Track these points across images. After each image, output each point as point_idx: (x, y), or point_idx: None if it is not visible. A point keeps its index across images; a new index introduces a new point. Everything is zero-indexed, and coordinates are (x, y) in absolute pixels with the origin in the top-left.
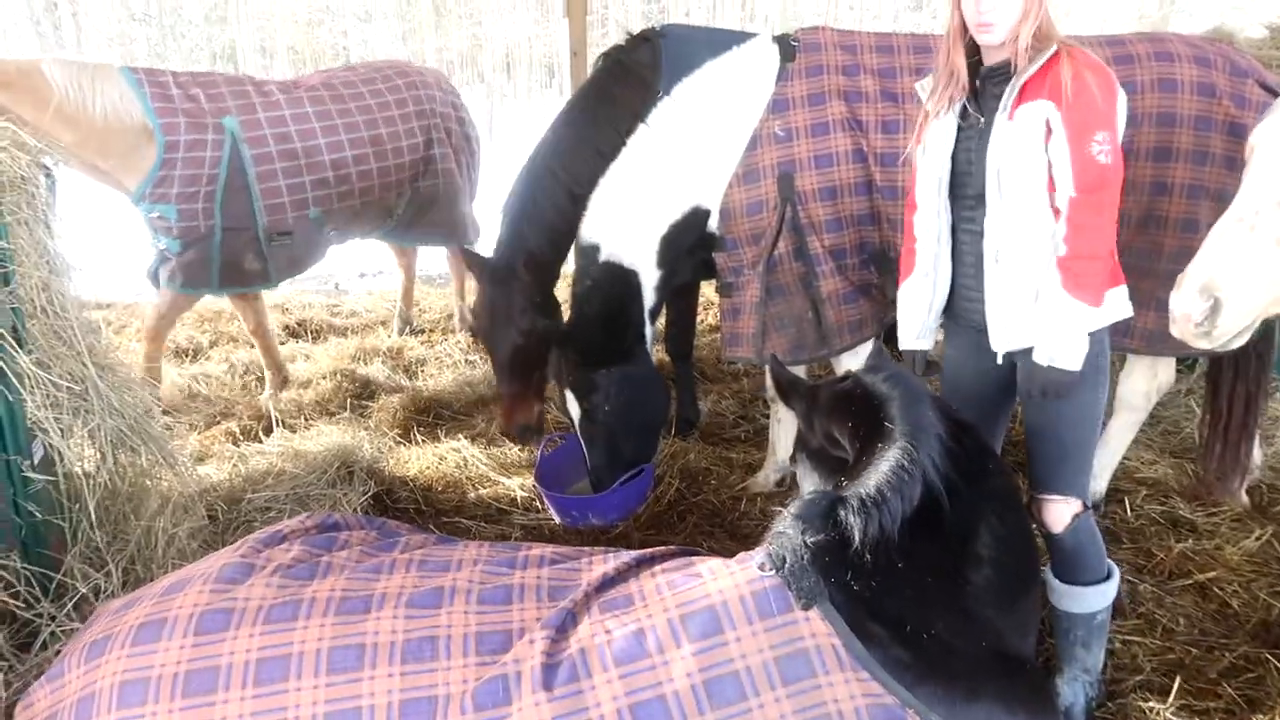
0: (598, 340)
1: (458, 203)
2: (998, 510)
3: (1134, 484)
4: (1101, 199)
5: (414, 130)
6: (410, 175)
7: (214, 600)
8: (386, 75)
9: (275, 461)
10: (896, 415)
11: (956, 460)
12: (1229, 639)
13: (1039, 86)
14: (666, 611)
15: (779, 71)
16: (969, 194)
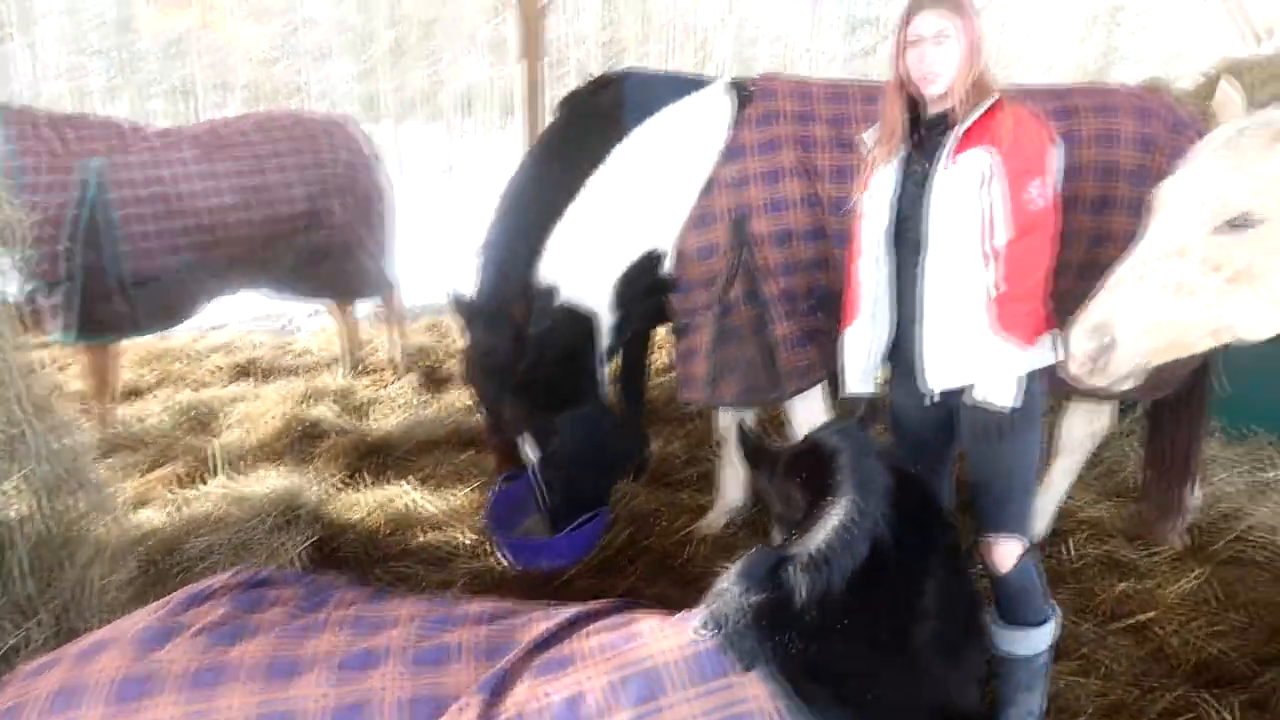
0: (556, 384)
1: (354, 255)
2: (943, 564)
3: (1075, 525)
4: (1034, 243)
5: (306, 180)
6: (300, 226)
7: (134, 665)
8: (282, 124)
9: (216, 506)
10: (844, 470)
11: (903, 515)
12: (1167, 680)
13: (979, 134)
14: (605, 674)
15: (734, 118)
16: (910, 239)
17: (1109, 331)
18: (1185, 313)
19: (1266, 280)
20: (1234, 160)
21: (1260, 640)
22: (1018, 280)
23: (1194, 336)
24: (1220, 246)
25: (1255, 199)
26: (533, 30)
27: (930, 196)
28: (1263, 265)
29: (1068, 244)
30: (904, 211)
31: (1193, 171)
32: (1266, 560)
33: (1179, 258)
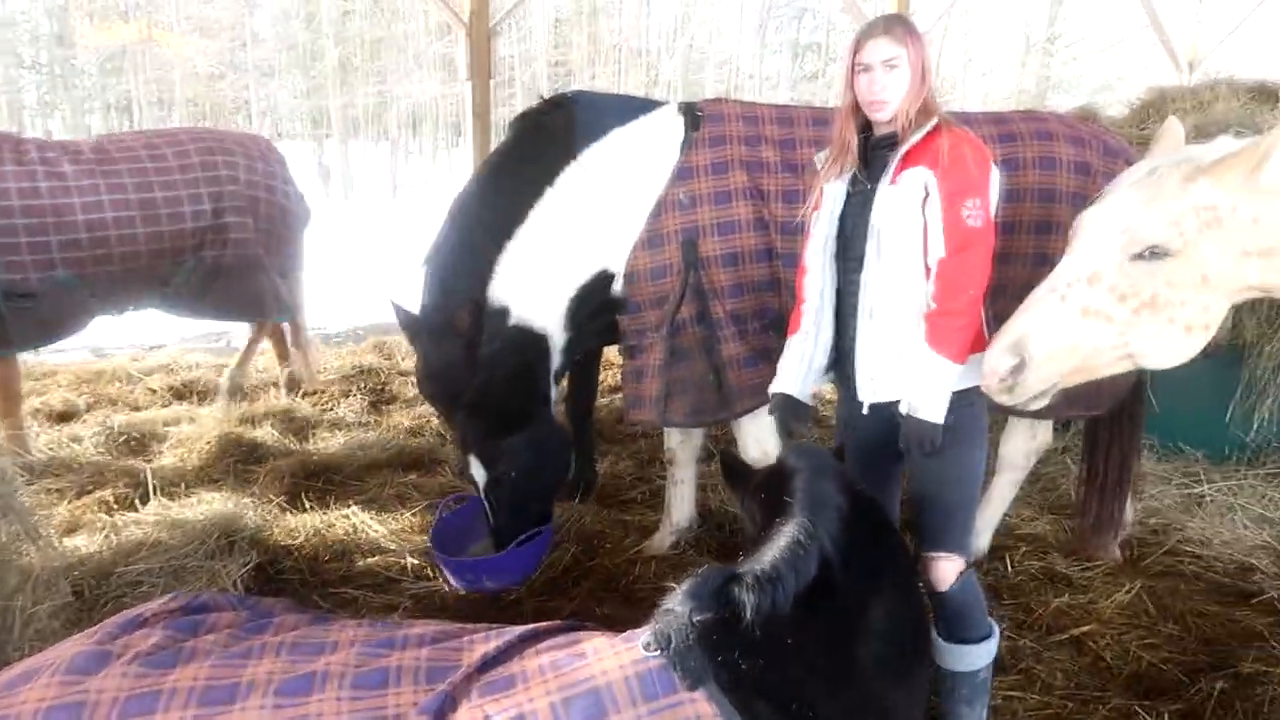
0: (507, 405)
1: (253, 277)
2: (892, 586)
3: (1014, 540)
4: (968, 259)
5: (200, 197)
6: (193, 244)
7: (63, 694)
8: (177, 140)
9: (150, 532)
10: (798, 490)
11: (854, 535)
12: (1103, 692)
13: (920, 155)
14: (549, 694)
15: (684, 140)
16: (853, 255)
17: (1023, 350)
18: (1093, 337)
19: (1169, 311)
20: (1149, 195)
21: (1192, 650)
22: (950, 296)
23: (1102, 361)
24: (1129, 276)
25: (1164, 234)
26: (482, 50)
27: (872, 212)
28: (1167, 297)
29: (1010, 265)
30: (846, 228)
31: (1111, 202)
32: (1197, 573)
33: (1090, 284)
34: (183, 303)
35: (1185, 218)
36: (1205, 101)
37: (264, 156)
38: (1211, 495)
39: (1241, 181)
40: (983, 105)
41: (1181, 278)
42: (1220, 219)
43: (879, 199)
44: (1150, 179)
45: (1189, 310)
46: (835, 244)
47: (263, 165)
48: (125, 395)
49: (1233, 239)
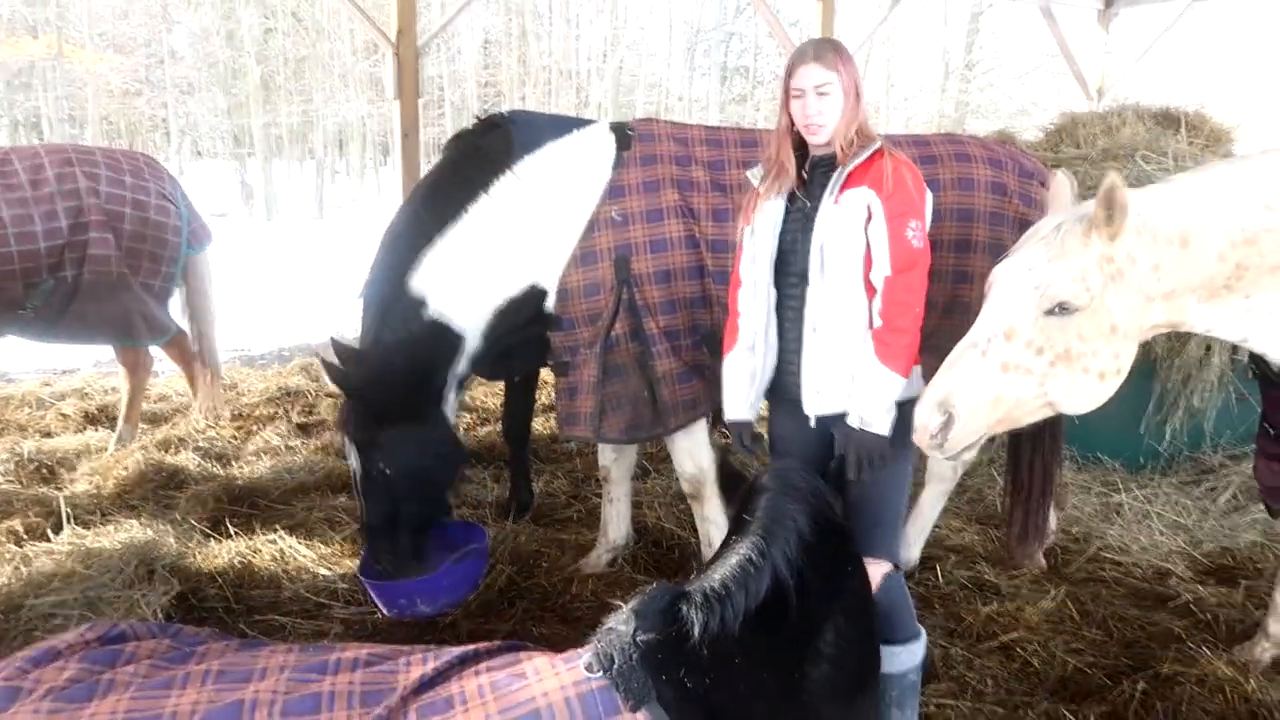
0: (398, 395)
1: (116, 296)
2: (846, 611)
3: (944, 551)
4: (912, 278)
5: (55, 214)
6: (48, 264)
7: None
8: (32, 154)
9: (64, 562)
10: (759, 509)
11: (813, 558)
12: (1031, 697)
13: (862, 176)
14: (489, 717)
15: (615, 159)
16: (793, 271)
17: (949, 407)
18: (1014, 389)
19: (1083, 362)
20: (1055, 251)
21: (1114, 654)
22: (898, 314)
23: (1023, 412)
24: (1043, 331)
25: (1072, 289)
26: (410, 69)
27: (815, 230)
28: (1079, 349)
29: (933, 282)
30: (786, 245)
31: (1021, 257)
32: (1117, 578)
33: (1008, 340)
34: (43, 326)
35: (1090, 273)
36: (1114, 126)
37: (134, 171)
38: (1129, 503)
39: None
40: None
41: (1091, 330)
42: (1122, 270)
43: (821, 217)
44: (1056, 235)
45: (1101, 359)
46: (773, 260)
47: (131, 179)
48: (35, 421)
49: (1136, 288)
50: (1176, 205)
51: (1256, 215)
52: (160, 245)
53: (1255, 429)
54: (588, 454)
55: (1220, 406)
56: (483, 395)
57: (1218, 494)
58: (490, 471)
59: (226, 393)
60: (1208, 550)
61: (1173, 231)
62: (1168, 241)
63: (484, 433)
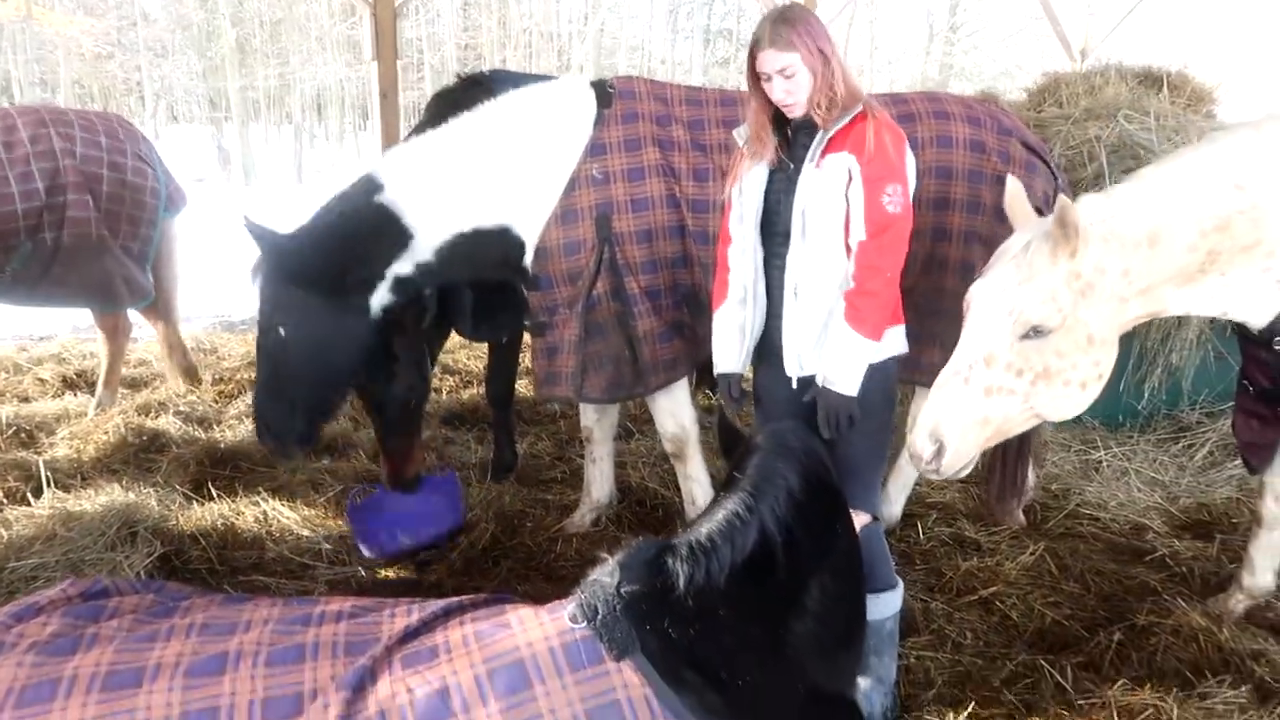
0: (318, 260)
1: (97, 259)
2: (833, 569)
3: (925, 508)
4: (884, 242)
5: (31, 175)
6: (27, 226)
7: None
8: (4, 116)
9: (45, 525)
10: (751, 466)
11: (803, 516)
12: (1009, 648)
13: (844, 140)
14: (473, 666)
15: (596, 116)
16: (778, 231)
17: (940, 436)
18: (999, 410)
19: (1063, 376)
20: (1024, 274)
21: (1091, 607)
22: (868, 277)
23: (1013, 425)
24: (1021, 354)
25: (1044, 312)
26: (388, 31)
27: (797, 193)
28: (1058, 365)
29: (913, 239)
30: (771, 206)
31: (994, 279)
32: (1095, 533)
33: (988, 366)
34: (21, 291)
35: (1059, 292)
36: (1096, 86)
37: (109, 132)
38: (1107, 461)
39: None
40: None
41: (1068, 345)
42: (1091, 284)
43: (803, 182)
44: (1025, 254)
45: (1080, 370)
46: (759, 219)
47: (107, 140)
48: (13, 386)
49: (1108, 295)
50: (1141, 206)
51: (1227, 199)
52: (138, 208)
53: (1233, 387)
54: (571, 415)
55: (1199, 365)
56: (465, 358)
57: (1195, 451)
58: (474, 433)
59: (206, 358)
60: (1184, 505)
61: (1139, 234)
62: (1135, 245)
63: (467, 395)
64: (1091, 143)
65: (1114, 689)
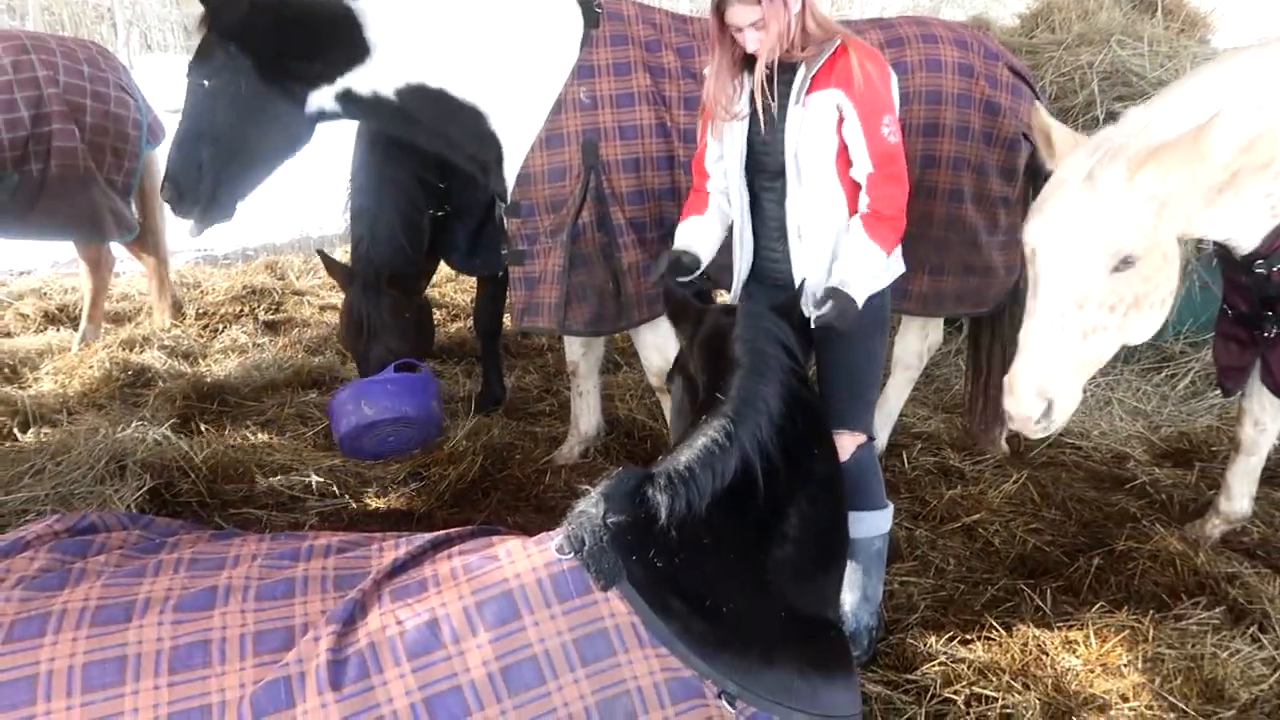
0: (265, 24)
1: (84, 191)
2: (812, 494)
3: (910, 439)
4: (893, 171)
5: (14, 103)
6: (13, 157)
7: None
8: None
9: (32, 460)
10: (733, 386)
11: (783, 440)
12: (991, 574)
13: (827, 76)
14: (461, 598)
15: (584, 36)
16: (764, 170)
17: (1048, 394)
18: (1095, 349)
19: (1150, 298)
20: (1101, 203)
21: (1072, 533)
22: (885, 204)
23: (1106, 359)
24: (1113, 288)
25: (1134, 241)
26: None
27: (785, 135)
28: (1144, 290)
29: None
30: (756, 147)
31: (1061, 215)
32: (1077, 462)
33: (1081, 308)
34: (10, 221)
35: (1143, 216)
36: (1090, 10)
37: (90, 61)
38: (1090, 390)
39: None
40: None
41: (1151, 269)
42: (1167, 201)
43: (790, 123)
44: (1090, 184)
45: (1162, 288)
46: (743, 159)
47: (89, 69)
48: None
49: (1178, 212)
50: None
51: (1253, 118)
52: (122, 139)
53: (1216, 317)
54: (558, 349)
55: (1184, 295)
56: (453, 291)
57: (1177, 380)
58: (462, 367)
59: (190, 292)
60: (1165, 434)
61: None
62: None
63: (455, 329)
64: (1084, 69)
65: (1092, 611)
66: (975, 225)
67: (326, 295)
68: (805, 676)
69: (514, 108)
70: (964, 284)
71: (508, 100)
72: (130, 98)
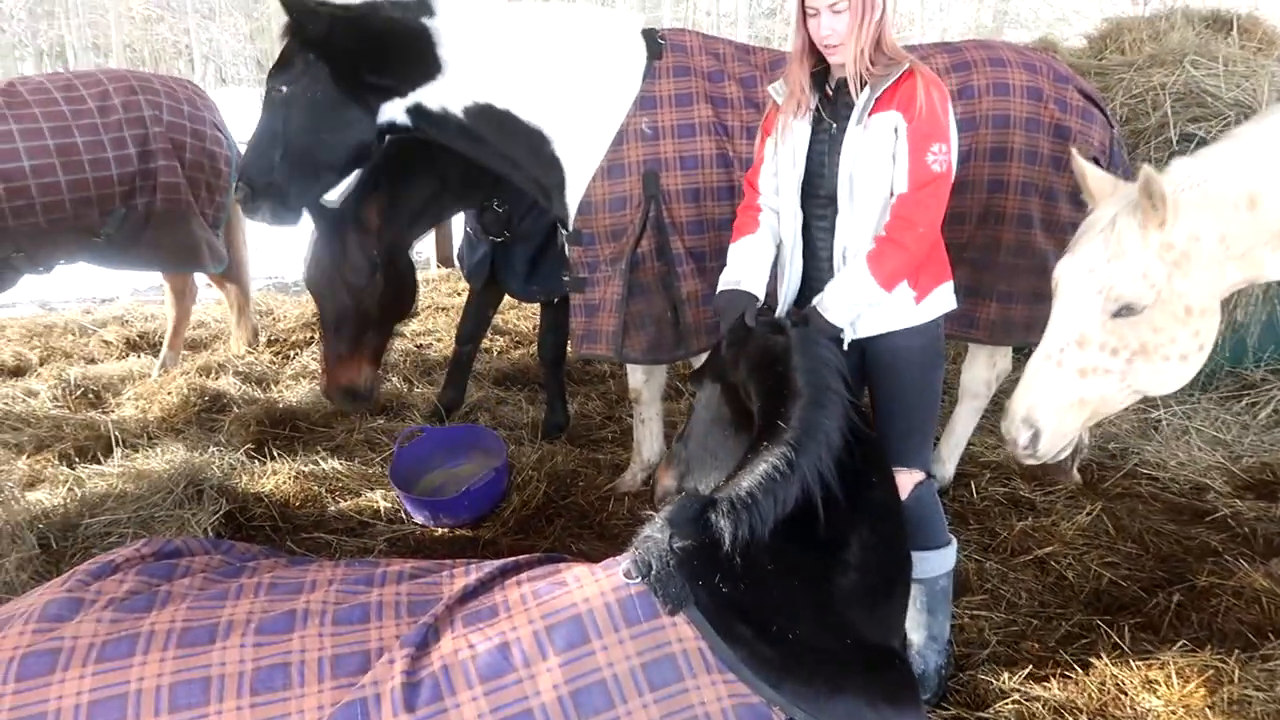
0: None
1: (184, 224)
2: (872, 522)
3: (979, 468)
4: (923, 197)
5: (124, 141)
6: (122, 192)
7: (38, 641)
8: (93, 81)
9: (115, 483)
10: (794, 416)
11: (842, 469)
12: (1065, 609)
13: (890, 99)
14: (531, 623)
15: (646, 68)
16: (821, 194)
17: (1035, 422)
18: (1096, 390)
19: (1161, 351)
20: (1114, 250)
21: (1150, 567)
22: (901, 229)
23: (1113, 405)
24: (1114, 333)
25: (1137, 289)
26: None
27: (842, 155)
28: (1155, 341)
29: (966, 192)
30: (814, 168)
31: (1081, 256)
32: (1154, 494)
33: (1081, 347)
34: (115, 254)
35: (1152, 267)
36: (1161, 31)
37: (189, 100)
38: (1167, 419)
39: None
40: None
41: (1164, 319)
42: (1187, 253)
43: (849, 143)
44: (1112, 229)
45: (1180, 344)
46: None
47: (189, 108)
48: (79, 348)
49: (1205, 263)
50: (1239, 166)
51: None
52: (215, 175)
53: None
54: (621, 376)
55: (1264, 321)
56: (516, 319)
57: (1258, 409)
58: (525, 394)
59: (262, 319)
60: (1247, 465)
61: (1238, 196)
62: (1234, 207)
63: (518, 355)
64: (1156, 91)
65: (1173, 650)
66: (1045, 251)
67: None
68: (876, 708)
69: (578, 135)
70: (1034, 312)
71: (572, 127)
72: (222, 135)
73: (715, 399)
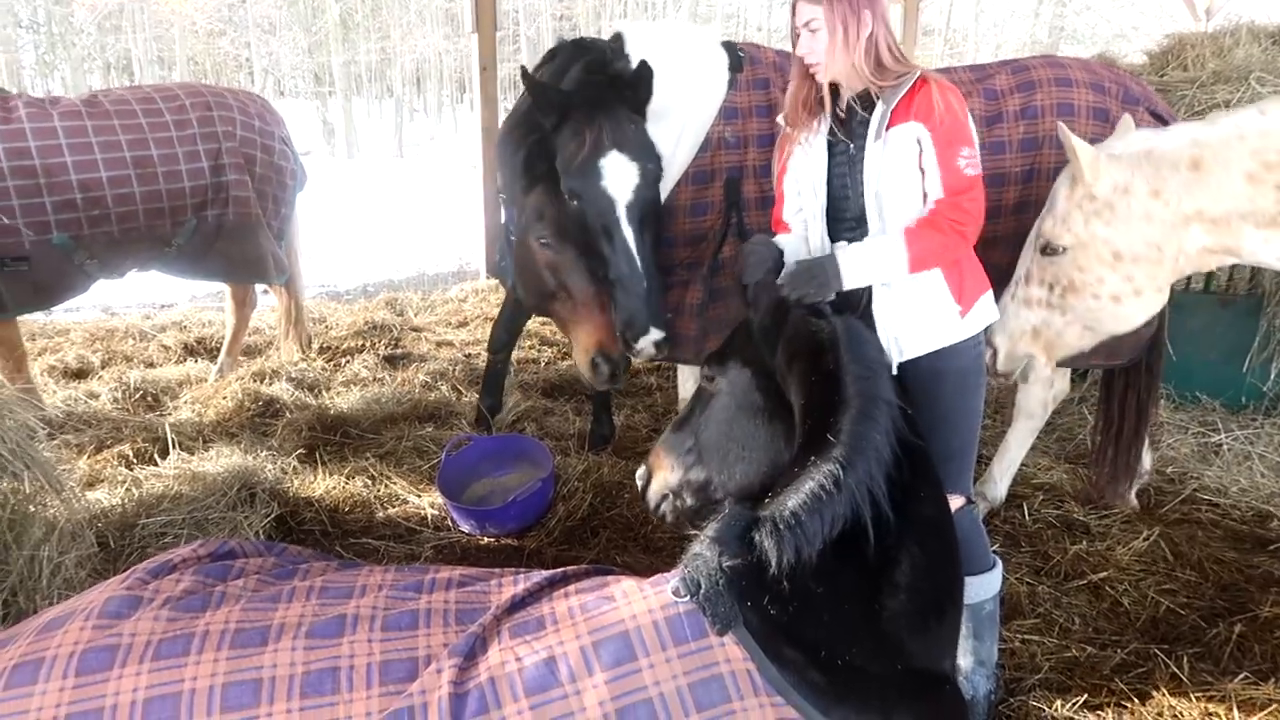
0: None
1: (253, 236)
2: (921, 540)
3: (1031, 489)
4: (962, 201)
5: (197, 154)
6: (194, 204)
7: (97, 637)
8: (170, 95)
9: (171, 485)
10: (844, 430)
11: (891, 486)
12: (1120, 636)
13: (906, 110)
14: (579, 638)
15: (730, 79)
16: (848, 217)
17: (992, 343)
18: (1038, 319)
19: (1090, 289)
20: (1050, 201)
21: (1209, 596)
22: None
23: (1068, 338)
24: (1044, 268)
25: (1054, 232)
26: (487, 5)
27: (865, 174)
28: (1080, 279)
29: (1029, 211)
30: (836, 191)
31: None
32: (1214, 520)
33: (1026, 282)
34: (185, 264)
35: (1071, 215)
36: (1225, 47)
37: (260, 114)
38: (1229, 444)
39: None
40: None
41: (1087, 261)
42: (1110, 204)
43: (870, 161)
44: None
45: (1109, 285)
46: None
47: (259, 123)
48: (139, 352)
49: (1135, 215)
50: (1187, 133)
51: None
52: (281, 189)
53: None
54: (667, 388)
55: None
56: None
57: None
58: (572, 405)
59: (314, 326)
60: None
61: (1179, 158)
62: (1173, 167)
63: (565, 366)
64: (1220, 108)
65: (1234, 682)
66: None
67: (442, 332)
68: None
69: (668, 142)
70: None
71: (663, 135)
72: (288, 149)
73: (744, 384)
